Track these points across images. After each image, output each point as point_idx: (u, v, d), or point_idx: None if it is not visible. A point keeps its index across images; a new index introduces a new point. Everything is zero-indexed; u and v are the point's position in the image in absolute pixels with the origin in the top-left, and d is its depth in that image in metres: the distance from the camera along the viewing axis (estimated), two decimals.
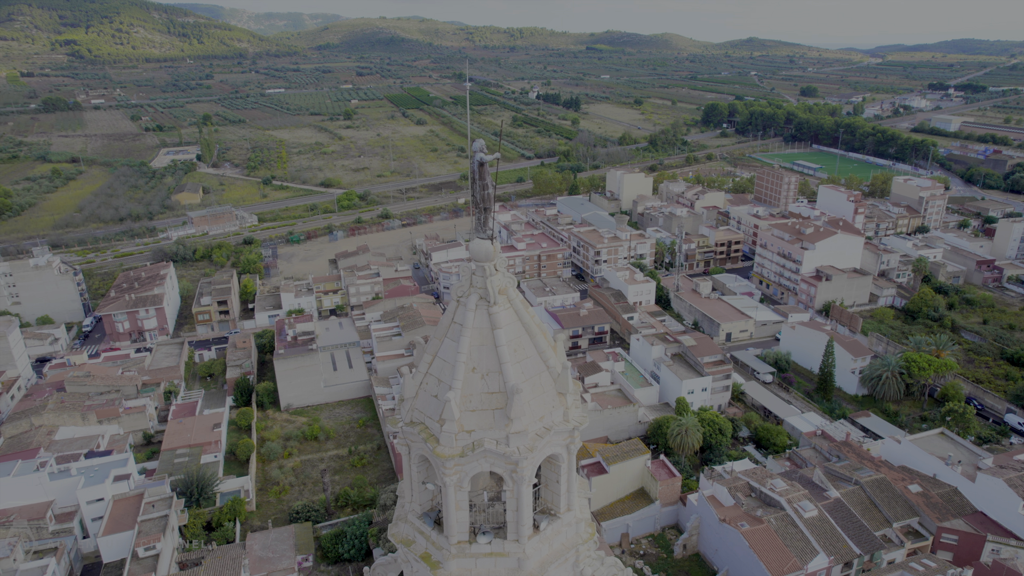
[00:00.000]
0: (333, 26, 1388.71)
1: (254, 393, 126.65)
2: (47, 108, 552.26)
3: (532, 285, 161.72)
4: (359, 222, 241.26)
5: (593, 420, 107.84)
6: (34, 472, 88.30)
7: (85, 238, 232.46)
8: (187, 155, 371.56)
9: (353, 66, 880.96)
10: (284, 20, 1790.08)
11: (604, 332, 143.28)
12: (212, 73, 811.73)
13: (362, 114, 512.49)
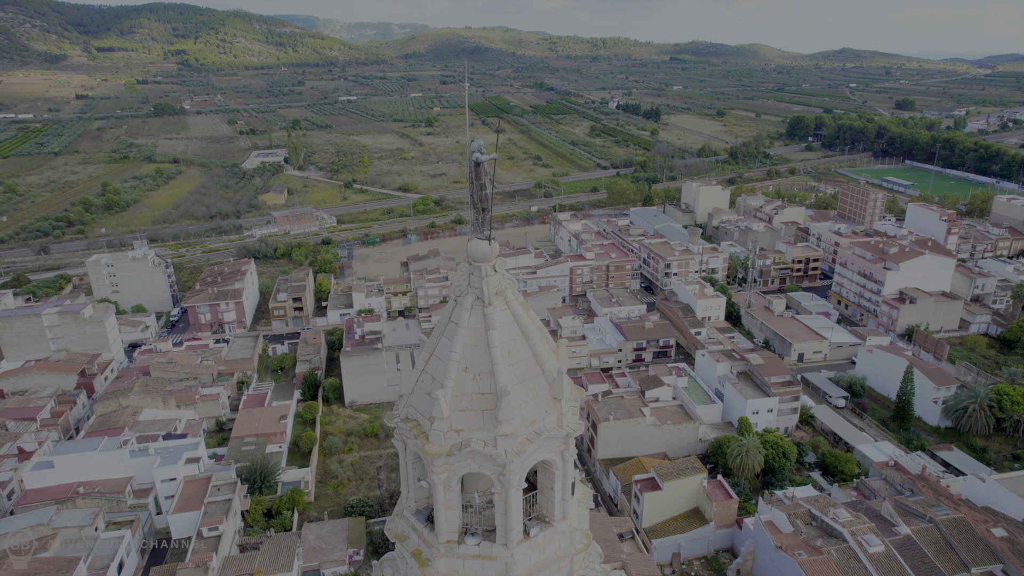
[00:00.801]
0: (420, 35, 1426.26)
1: (320, 388, 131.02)
2: (156, 113, 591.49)
3: (598, 295, 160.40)
4: (433, 226, 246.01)
5: (651, 435, 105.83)
6: (117, 449, 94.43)
7: (179, 233, 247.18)
8: (275, 157, 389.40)
9: (437, 74, 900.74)
10: (374, 30, 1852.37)
11: (669, 346, 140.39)
12: (304, 80, 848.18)
13: (443, 121, 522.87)
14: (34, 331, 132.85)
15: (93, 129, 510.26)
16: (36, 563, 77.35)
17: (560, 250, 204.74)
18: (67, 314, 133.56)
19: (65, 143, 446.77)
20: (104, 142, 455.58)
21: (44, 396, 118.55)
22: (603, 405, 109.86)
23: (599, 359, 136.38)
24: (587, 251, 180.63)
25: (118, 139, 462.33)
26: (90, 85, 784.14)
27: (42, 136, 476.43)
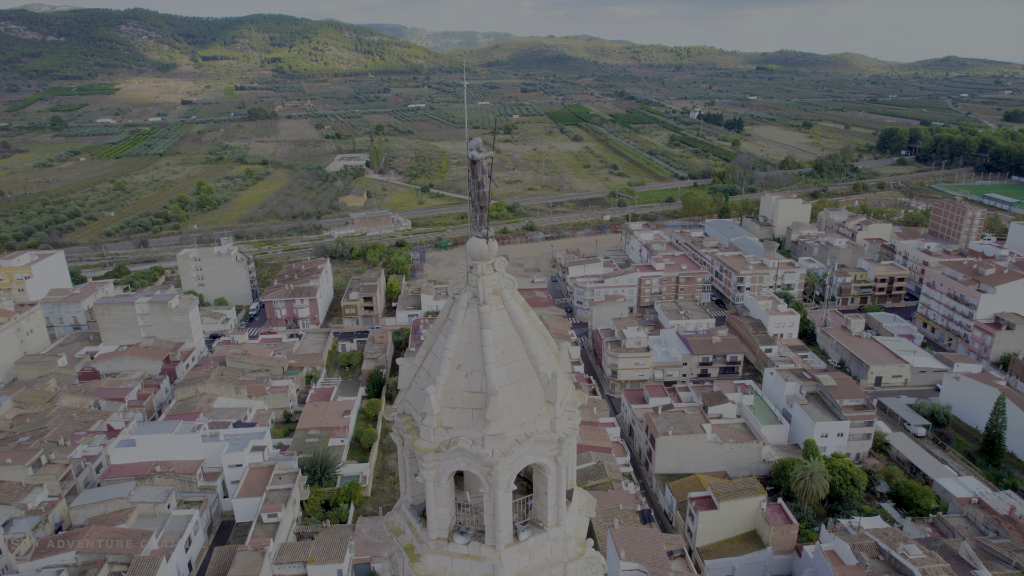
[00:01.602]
0: (503, 44, 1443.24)
1: (385, 386, 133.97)
2: (250, 117, 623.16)
3: (666, 307, 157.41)
4: (504, 232, 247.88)
5: (711, 452, 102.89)
6: (191, 433, 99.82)
7: (263, 232, 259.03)
8: (358, 161, 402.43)
9: (518, 83, 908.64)
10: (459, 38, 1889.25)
11: (737, 362, 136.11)
12: (389, 87, 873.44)
13: (522, 129, 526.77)
14: (128, 318, 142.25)
15: (194, 132, 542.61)
16: (114, 533, 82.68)
17: (630, 260, 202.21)
18: (156, 304, 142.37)
19: (169, 145, 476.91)
20: (203, 144, 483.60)
21: (133, 379, 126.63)
22: (663, 419, 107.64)
23: (663, 372, 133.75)
24: (657, 262, 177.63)
25: (215, 141, 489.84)
26: (195, 91, 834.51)
27: (150, 138, 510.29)
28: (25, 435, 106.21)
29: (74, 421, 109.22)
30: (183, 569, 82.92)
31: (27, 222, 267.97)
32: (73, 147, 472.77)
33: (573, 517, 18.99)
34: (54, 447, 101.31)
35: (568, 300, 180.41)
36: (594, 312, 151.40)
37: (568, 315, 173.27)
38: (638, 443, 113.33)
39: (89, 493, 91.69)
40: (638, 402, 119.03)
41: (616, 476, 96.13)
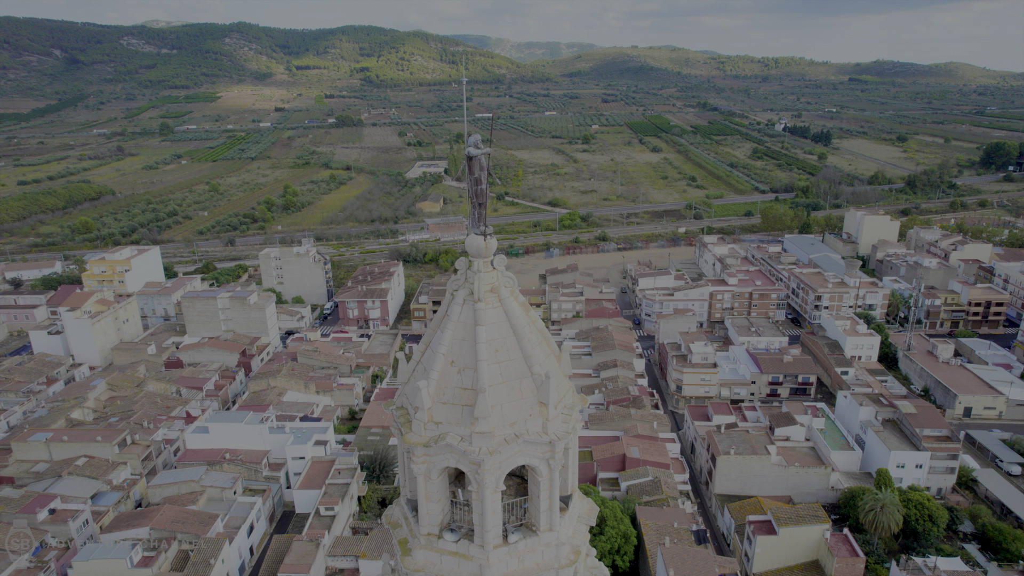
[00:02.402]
0: (586, 54, 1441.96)
1: None
2: (338, 124, 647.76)
3: (737, 323, 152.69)
4: (576, 242, 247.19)
5: (775, 475, 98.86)
6: (259, 424, 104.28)
7: (342, 234, 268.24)
8: (436, 169, 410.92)
9: (599, 93, 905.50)
10: (543, 49, 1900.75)
11: (809, 383, 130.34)
12: (472, 96, 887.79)
13: (600, 139, 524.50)
14: (210, 312, 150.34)
15: (284, 138, 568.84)
16: (185, 513, 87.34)
17: (703, 274, 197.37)
18: (236, 299, 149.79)
19: (260, 149, 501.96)
20: (292, 149, 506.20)
21: (211, 370, 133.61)
22: (725, 438, 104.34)
23: (730, 389, 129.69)
24: (730, 276, 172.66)
25: (303, 147, 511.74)
26: (288, 99, 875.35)
27: (244, 143, 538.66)
28: (115, 416, 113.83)
29: (157, 406, 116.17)
30: (244, 553, 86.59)
31: (132, 219, 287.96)
32: (176, 151, 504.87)
33: (569, 523, 18.77)
34: (139, 429, 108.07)
35: (636, 312, 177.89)
36: (661, 325, 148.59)
37: (635, 327, 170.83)
38: (699, 461, 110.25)
39: (166, 474, 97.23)
40: (701, 419, 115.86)
41: (673, 493, 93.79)
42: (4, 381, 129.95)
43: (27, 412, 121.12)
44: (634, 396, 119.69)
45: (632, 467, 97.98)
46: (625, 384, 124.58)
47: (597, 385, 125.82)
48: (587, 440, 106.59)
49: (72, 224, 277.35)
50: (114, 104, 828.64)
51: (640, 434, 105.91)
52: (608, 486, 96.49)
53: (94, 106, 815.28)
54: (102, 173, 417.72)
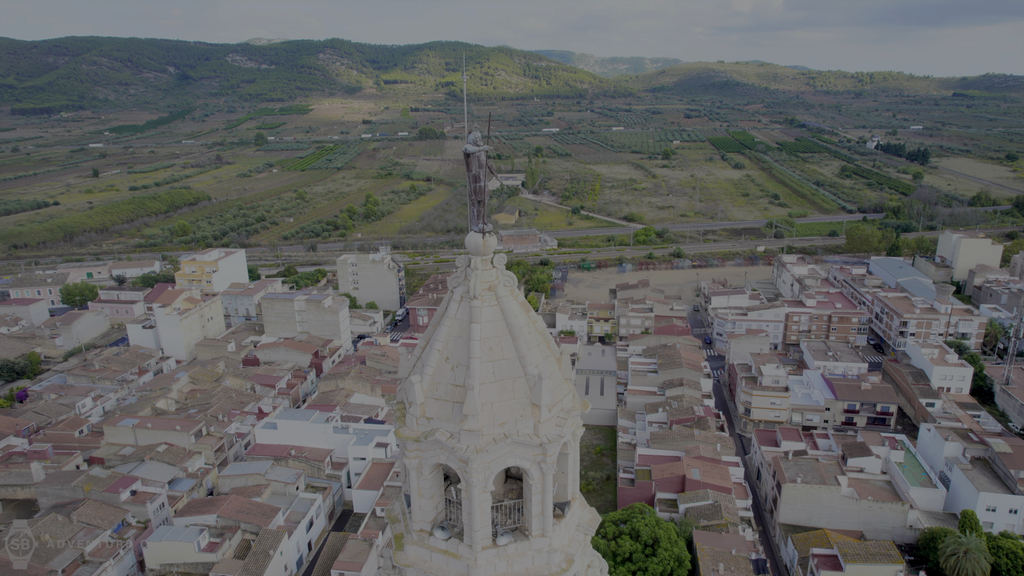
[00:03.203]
0: (670, 69, 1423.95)
1: None
2: (421, 136, 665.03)
3: (813, 346, 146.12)
4: (650, 257, 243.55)
5: (845, 508, 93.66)
6: (324, 423, 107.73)
7: (418, 243, 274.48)
8: (514, 181, 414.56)
9: (682, 108, 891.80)
10: (626, 64, 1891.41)
11: (888, 413, 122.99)
12: (553, 111, 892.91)
13: (681, 155, 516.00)
14: (287, 313, 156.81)
15: (370, 149, 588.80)
16: (250, 504, 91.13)
17: (780, 294, 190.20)
18: (312, 302, 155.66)
19: (346, 160, 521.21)
20: (376, 160, 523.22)
21: (285, 368, 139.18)
22: (793, 465, 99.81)
23: (801, 415, 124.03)
24: (808, 298, 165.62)
25: (387, 158, 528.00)
26: (375, 112, 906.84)
27: (332, 154, 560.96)
28: (194, 408, 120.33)
29: (232, 400, 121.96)
30: (302, 547, 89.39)
31: (224, 224, 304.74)
32: (269, 160, 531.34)
33: (565, 531, 18.50)
34: (214, 421, 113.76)
35: (708, 331, 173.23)
36: (732, 345, 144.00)
37: (706, 346, 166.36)
38: (764, 488, 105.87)
39: (235, 466, 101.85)
40: (769, 444, 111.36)
41: (734, 519, 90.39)
42: (102, 370, 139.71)
43: (120, 399, 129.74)
44: (699, 416, 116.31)
45: (692, 489, 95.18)
46: (690, 404, 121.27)
47: (661, 403, 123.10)
48: (647, 459, 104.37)
49: (172, 227, 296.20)
50: (217, 116, 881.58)
51: (702, 456, 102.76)
52: (666, 507, 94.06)
53: (199, 118, 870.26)
54: (201, 180, 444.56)
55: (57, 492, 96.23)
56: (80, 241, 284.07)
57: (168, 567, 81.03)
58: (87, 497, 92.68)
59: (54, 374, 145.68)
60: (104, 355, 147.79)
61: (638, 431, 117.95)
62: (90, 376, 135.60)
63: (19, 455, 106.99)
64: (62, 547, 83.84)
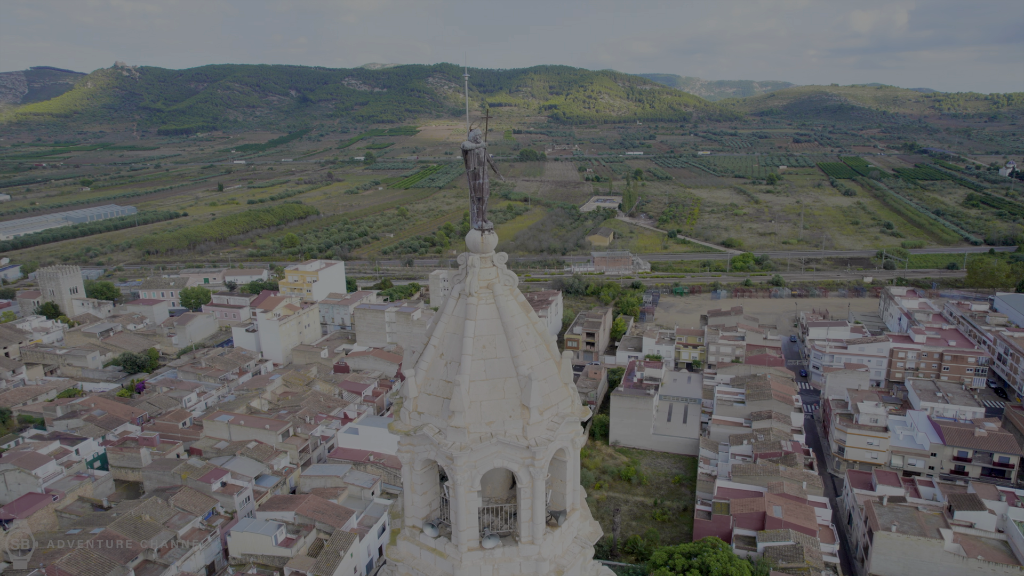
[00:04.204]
0: (780, 93, 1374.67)
1: (590, 422, 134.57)
2: (521, 158, 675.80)
3: (920, 386, 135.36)
4: (747, 284, 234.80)
5: (949, 566, 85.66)
6: None
7: (510, 262, 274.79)
8: (611, 204, 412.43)
9: (791, 132, 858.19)
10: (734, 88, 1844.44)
11: (1008, 465, 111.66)
12: (655, 134, 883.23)
13: (787, 180, 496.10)
14: (378, 324, 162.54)
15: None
16: (326, 505, 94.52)
17: (886, 328, 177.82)
18: (401, 314, 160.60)
19: (448, 180, 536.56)
20: None
21: (372, 377, 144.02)
22: (888, 511, 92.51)
23: (902, 459, 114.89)
24: (918, 333, 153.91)
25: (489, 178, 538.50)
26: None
27: (435, 173, 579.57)
28: (284, 409, 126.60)
29: (320, 404, 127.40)
30: (372, 551, 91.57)
31: (329, 237, 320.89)
32: (375, 178, 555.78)
33: (559, 541, 18.11)
34: (301, 423, 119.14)
35: (803, 363, 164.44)
36: (828, 379, 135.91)
37: (801, 379, 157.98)
38: (855, 534, 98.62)
39: (317, 467, 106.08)
40: (863, 487, 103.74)
41: (816, 564, 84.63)
42: (208, 368, 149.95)
43: (220, 396, 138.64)
44: (786, 452, 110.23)
45: (773, 527, 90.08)
46: (778, 438, 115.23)
47: (747, 435, 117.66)
48: (727, 492, 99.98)
49: (281, 238, 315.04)
50: (331, 136, 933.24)
51: (786, 493, 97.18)
52: (744, 544, 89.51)
53: (315, 138, 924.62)
54: (312, 196, 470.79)
55: (159, 477, 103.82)
56: (201, 249, 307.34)
57: (247, 557, 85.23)
58: (184, 484, 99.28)
59: (168, 369, 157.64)
60: (210, 354, 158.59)
61: (720, 463, 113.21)
62: (197, 373, 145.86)
63: (132, 440, 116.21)
64: (159, 528, 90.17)
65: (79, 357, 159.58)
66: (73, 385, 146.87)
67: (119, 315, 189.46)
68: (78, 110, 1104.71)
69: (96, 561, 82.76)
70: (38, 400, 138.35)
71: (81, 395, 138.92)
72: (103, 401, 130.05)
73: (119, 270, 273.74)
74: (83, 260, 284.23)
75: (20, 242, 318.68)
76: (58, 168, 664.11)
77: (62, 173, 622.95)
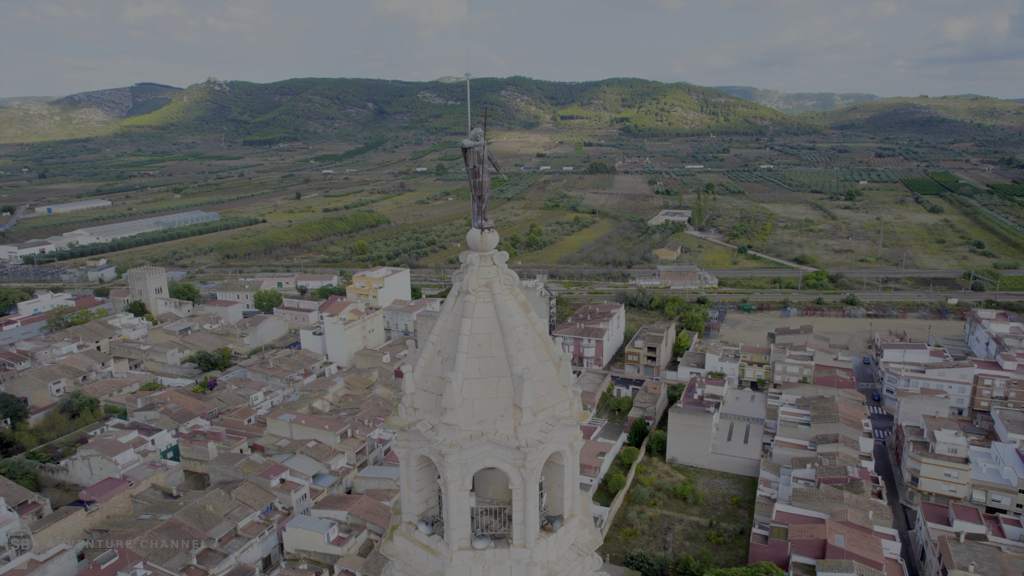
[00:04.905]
0: (863, 105, 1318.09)
1: (647, 437, 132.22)
2: (591, 170, 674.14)
3: (1009, 416, 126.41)
4: (819, 303, 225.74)
5: None
6: None
7: (574, 273, 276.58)
8: (680, 217, 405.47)
9: (874, 146, 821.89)
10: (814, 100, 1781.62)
11: None
12: (729, 147, 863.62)
13: (867, 196, 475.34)
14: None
15: (540, 181, 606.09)
16: (378, 506, 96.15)
17: (971, 353, 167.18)
18: None
19: (517, 191, 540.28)
20: (545, 192, 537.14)
21: None
22: (965, 549, 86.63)
23: (985, 494, 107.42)
24: (1007, 359, 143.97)
25: (556, 190, 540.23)
26: (549, 146, 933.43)
27: (504, 185, 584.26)
28: (344, 411, 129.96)
29: (379, 408, 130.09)
30: None
31: (398, 245, 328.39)
32: (446, 189, 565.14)
33: (553, 546, 17.87)
34: (360, 425, 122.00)
35: (877, 387, 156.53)
36: (903, 404, 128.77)
37: (873, 403, 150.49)
38: (928, 571, 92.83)
39: (372, 469, 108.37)
40: (938, 521, 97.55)
41: None
42: (275, 368, 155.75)
43: (285, 396, 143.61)
44: (852, 478, 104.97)
45: (834, 557, 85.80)
46: (844, 463, 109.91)
47: (811, 459, 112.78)
48: (786, 516, 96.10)
49: (352, 246, 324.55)
50: (405, 148, 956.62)
51: (850, 522, 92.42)
52: (801, 572, 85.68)
53: (390, 149, 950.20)
54: (384, 205, 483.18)
55: (223, 470, 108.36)
56: (277, 254, 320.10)
57: (300, 553, 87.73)
58: (245, 479, 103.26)
59: (238, 368, 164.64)
60: (278, 355, 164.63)
61: (780, 486, 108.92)
62: (264, 373, 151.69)
63: (201, 434, 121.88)
64: (221, 519, 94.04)
65: (160, 353, 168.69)
66: (153, 379, 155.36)
67: (197, 315, 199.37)
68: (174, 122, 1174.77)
69: (163, 546, 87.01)
70: (122, 392, 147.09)
71: (160, 389, 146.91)
72: (178, 395, 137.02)
73: (200, 272, 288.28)
74: (169, 262, 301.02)
75: (117, 244, 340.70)
76: (153, 176, 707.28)
77: (157, 181, 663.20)
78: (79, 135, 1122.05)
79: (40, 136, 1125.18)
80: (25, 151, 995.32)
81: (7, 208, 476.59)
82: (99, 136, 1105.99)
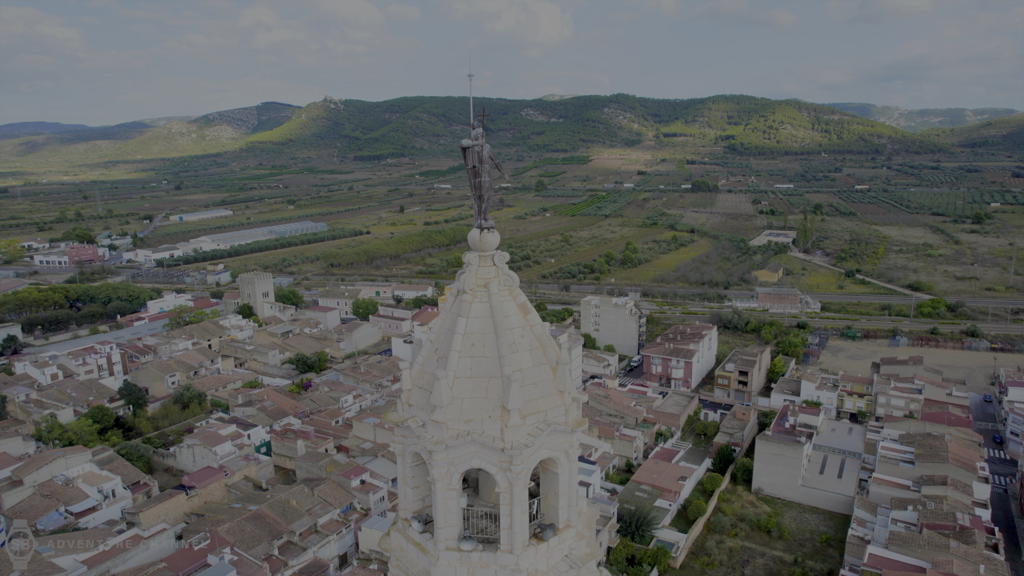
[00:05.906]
0: (999, 121, 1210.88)
1: (732, 464, 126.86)
2: (693, 189, 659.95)
3: None
4: (934, 333, 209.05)
5: None
6: None
7: (668, 293, 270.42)
8: (784, 238, 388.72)
9: (1010, 165, 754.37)
10: (940, 117, 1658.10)
11: None
12: (841, 167, 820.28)
13: (999, 219, 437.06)
14: None
15: (640, 199, 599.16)
16: None
17: None
18: None
19: (615, 208, 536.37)
20: (644, 210, 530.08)
21: None
22: None
23: None
24: None
25: (655, 208, 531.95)
26: (651, 163, 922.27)
27: (603, 201, 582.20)
28: None
29: None
30: None
31: None
32: (544, 205, 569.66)
33: (543, 556, 17.59)
34: None
35: (999, 428, 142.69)
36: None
37: (995, 445, 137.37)
38: None
39: None
40: None
41: None
42: (366, 373, 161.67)
43: (373, 400, 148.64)
44: (962, 526, 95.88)
45: None
46: (953, 508, 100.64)
47: (914, 501, 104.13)
48: (880, 561, 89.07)
49: (448, 258, 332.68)
50: (506, 164, 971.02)
51: (955, 574, 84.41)
52: None
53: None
54: None
55: (309, 468, 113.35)
56: (377, 264, 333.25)
57: (373, 553, 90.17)
58: (328, 477, 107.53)
59: (332, 371, 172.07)
60: (370, 361, 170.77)
61: (876, 527, 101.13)
62: (356, 377, 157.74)
63: (292, 432, 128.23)
64: (303, 514, 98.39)
65: (262, 354, 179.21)
66: (255, 378, 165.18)
67: (299, 319, 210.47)
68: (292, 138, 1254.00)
69: (249, 535, 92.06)
70: (227, 388, 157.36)
71: (259, 387, 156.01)
72: (275, 394, 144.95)
73: (306, 279, 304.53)
74: (279, 269, 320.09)
75: (234, 251, 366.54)
76: (271, 188, 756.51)
77: (274, 193, 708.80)
78: (211, 150, 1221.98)
79: (179, 152, 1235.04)
80: (166, 165, 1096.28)
81: (147, 216, 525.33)
82: (227, 151, 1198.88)
